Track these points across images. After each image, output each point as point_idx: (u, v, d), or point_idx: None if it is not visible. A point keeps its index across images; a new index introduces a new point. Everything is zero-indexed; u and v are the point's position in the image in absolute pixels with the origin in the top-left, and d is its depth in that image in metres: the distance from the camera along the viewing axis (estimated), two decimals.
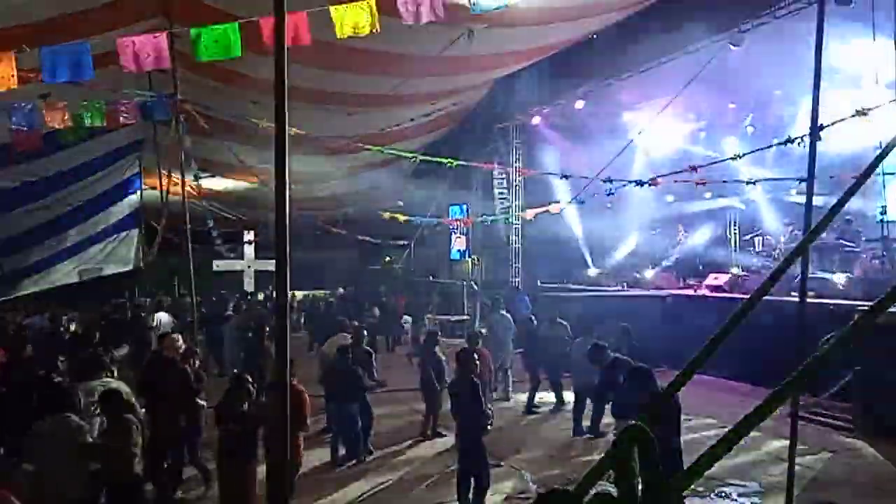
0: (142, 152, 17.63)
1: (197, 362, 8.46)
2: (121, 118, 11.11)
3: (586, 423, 9.89)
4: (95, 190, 17.54)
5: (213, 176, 15.18)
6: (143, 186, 18.57)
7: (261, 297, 20.68)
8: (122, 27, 10.45)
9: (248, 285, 21.50)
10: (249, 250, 20.69)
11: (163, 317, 13.92)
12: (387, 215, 15.90)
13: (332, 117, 15.42)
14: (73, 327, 14.44)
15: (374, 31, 8.29)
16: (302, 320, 19.69)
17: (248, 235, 20.21)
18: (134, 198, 19.31)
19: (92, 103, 10.75)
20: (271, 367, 8.79)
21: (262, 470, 6.54)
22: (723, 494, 7.39)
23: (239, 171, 14.87)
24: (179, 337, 9.01)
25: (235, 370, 9.41)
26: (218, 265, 19.99)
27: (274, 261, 3.61)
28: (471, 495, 6.87)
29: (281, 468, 3.56)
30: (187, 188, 11.17)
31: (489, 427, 7.17)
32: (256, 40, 7.74)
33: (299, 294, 22.30)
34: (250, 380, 6.74)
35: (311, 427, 7.88)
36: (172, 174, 12.32)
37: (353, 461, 8.81)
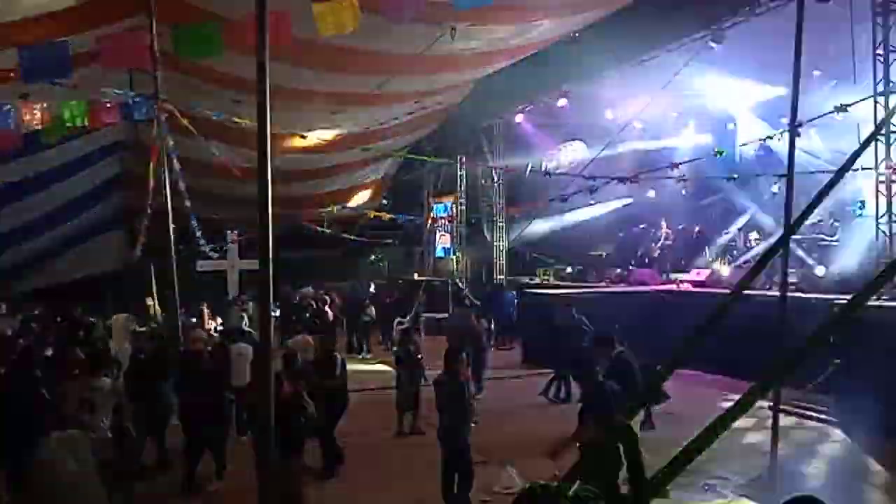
0: (123, 152, 17.48)
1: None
2: (102, 118, 11.01)
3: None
4: (77, 191, 17.37)
5: (196, 175, 15.05)
6: (125, 187, 18.41)
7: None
8: (103, 26, 10.37)
9: (232, 285, 21.33)
10: (233, 250, 20.51)
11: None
12: (371, 214, 15.90)
13: (316, 116, 15.38)
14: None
15: (356, 29, 8.28)
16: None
17: (232, 235, 20.02)
18: (116, 198, 19.14)
19: (73, 103, 10.66)
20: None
21: None
22: (706, 487, 7.45)
23: (222, 171, 14.76)
24: (203, 332, 9.10)
25: None
26: (202, 265, 19.81)
27: (258, 261, 3.61)
28: (455, 491, 6.89)
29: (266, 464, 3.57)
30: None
31: (474, 424, 7.19)
32: (238, 39, 7.70)
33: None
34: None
35: None
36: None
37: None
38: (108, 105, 10.97)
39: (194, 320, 13.70)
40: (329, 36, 8.35)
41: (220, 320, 15.05)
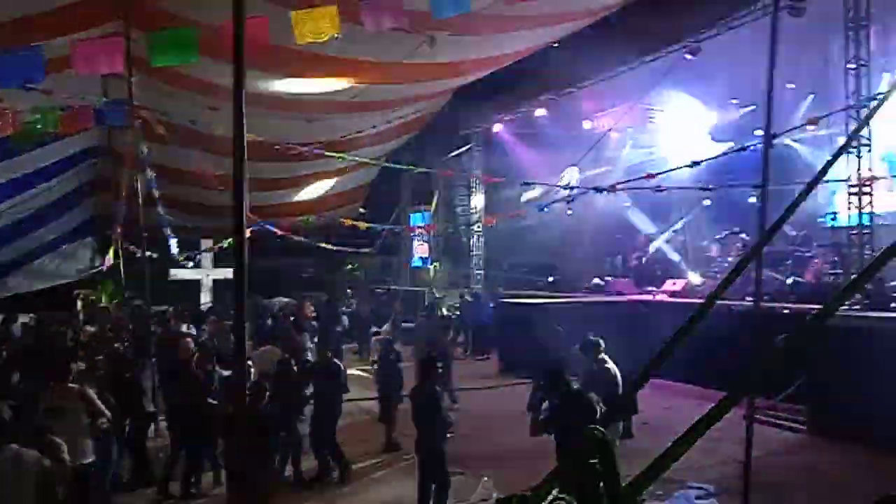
0: (97, 159, 17.29)
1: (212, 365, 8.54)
2: (75, 123, 10.87)
3: None
4: (49, 197, 17.13)
5: (171, 182, 14.92)
6: (98, 193, 18.19)
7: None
8: (77, 31, 10.23)
9: (206, 294, 21.13)
10: (207, 259, 20.33)
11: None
12: (348, 222, 15.82)
13: (292, 124, 15.30)
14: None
15: (334, 37, 8.26)
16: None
17: (206, 243, 19.84)
18: (88, 205, 18.90)
19: (45, 108, 10.51)
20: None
21: None
22: (680, 497, 7.48)
23: (196, 178, 14.64)
24: (191, 341, 9.06)
25: None
26: (175, 274, 19.60)
27: (232, 269, 3.57)
28: (432, 502, 6.85)
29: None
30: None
31: (450, 434, 7.15)
32: (214, 45, 7.63)
33: None
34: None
35: None
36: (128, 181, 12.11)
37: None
38: (82, 110, 10.84)
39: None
40: (307, 44, 8.33)
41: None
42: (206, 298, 20.57)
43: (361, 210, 23.27)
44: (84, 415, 6.56)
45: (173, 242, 13.90)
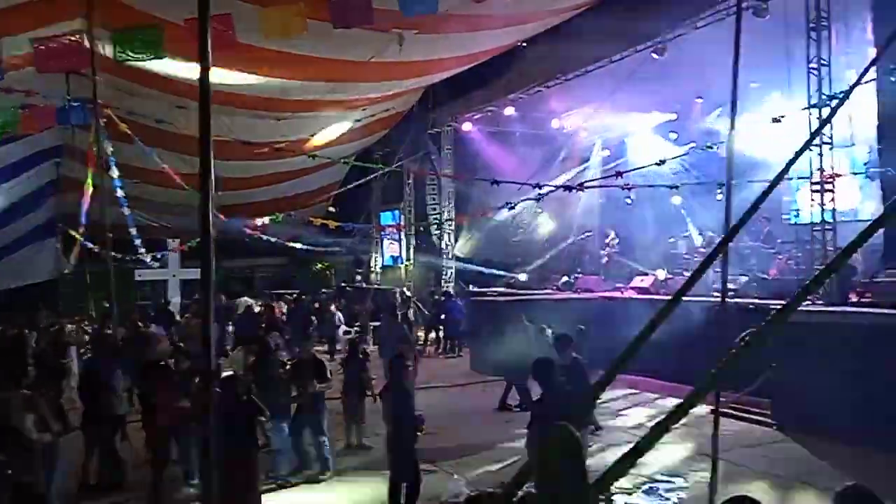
0: (60, 158, 16.98)
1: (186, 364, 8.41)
2: (36, 122, 10.68)
3: None
4: (10, 197, 16.79)
5: (136, 182, 14.68)
6: (61, 193, 17.85)
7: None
8: (39, 28, 10.03)
9: (173, 294, 20.85)
10: (174, 259, 20.06)
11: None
12: (318, 221, 15.74)
13: (260, 122, 15.17)
14: None
15: (302, 34, 8.22)
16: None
17: (173, 243, 19.58)
18: (51, 205, 18.56)
19: (5, 107, 10.30)
20: None
21: None
22: (649, 490, 7.57)
23: (162, 177, 14.43)
24: (167, 341, 8.96)
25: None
26: (141, 274, 19.32)
27: (199, 269, 3.52)
28: (402, 501, 6.84)
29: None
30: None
31: (420, 433, 7.13)
32: (180, 43, 7.55)
33: None
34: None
35: None
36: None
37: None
38: (44, 109, 10.65)
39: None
40: (275, 41, 8.29)
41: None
42: (173, 298, 20.30)
43: (331, 209, 23.16)
44: (29, 422, 6.43)
45: (139, 242, 13.70)
